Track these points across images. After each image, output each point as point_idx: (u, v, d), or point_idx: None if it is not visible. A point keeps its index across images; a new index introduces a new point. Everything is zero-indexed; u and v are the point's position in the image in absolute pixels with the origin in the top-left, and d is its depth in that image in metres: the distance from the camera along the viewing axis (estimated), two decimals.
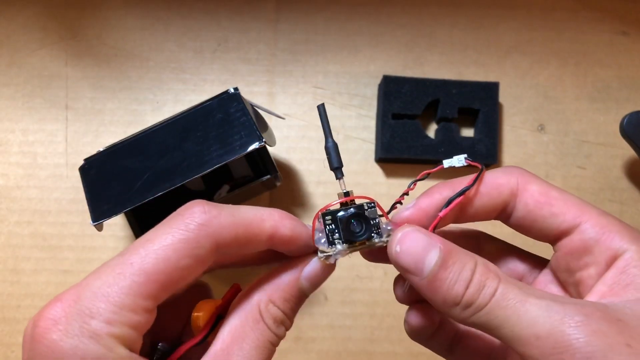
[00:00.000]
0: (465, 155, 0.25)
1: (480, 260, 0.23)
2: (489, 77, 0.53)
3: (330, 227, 0.24)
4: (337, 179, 0.26)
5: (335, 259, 0.24)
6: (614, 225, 0.23)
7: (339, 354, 0.50)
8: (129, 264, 0.21)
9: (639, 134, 0.48)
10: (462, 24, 0.54)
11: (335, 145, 0.26)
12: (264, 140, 0.38)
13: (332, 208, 0.24)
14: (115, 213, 0.38)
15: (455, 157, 0.26)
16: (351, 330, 0.50)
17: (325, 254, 0.24)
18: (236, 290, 0.26)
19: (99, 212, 0.38)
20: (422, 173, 0.27)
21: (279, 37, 0.54)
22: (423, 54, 0.54)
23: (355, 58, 0.54)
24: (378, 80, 0.53)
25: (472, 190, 0.25)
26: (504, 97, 0.53)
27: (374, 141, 0.53)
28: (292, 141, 0.52)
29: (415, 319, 0.26)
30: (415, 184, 0.27)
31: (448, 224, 0.26)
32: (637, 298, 0.21)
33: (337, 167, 0.26)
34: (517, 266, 0.27)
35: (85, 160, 0.41)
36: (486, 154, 0.50)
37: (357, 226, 0.24)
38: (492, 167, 0.52)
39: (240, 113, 0.40)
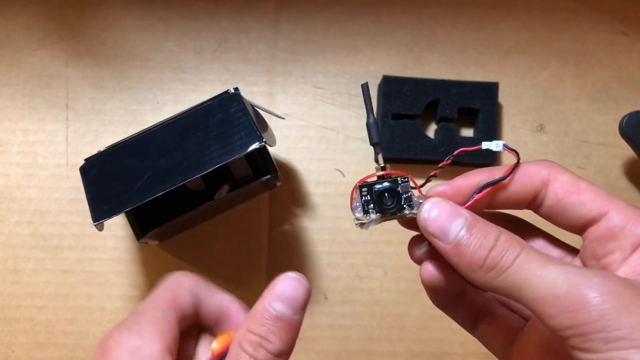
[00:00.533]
0: (504, 142, 0.28)
1: (505, 231, 0.25)
2: (489, 77, 0.53)
3: (366, 198, 0.26)
4: (375, 153, 0.28)
5: (369, 226, 0.27)
6: (637, 213, 0.25)
7: (338, 354, 0.50)
8: None
9: (639, 134, 0.48)
10: (462, 24, 0.54)
11: (376, 122, 0.28)
12: (264, 140, 0.38)
13: (369, 180, 0.27)
14: (116, 213, 0.38)
15: (495, 142, 0.28)
16: (351, 329, 0.50)
17: (359, 221, 0.26)
18: None
19: (100, 212, 0.38)
20: (459, 150, 0.29)
21: (279, 37, 0.54)
22: (423, 54, 0.54)
23: (355, 58, 0.54)
24: (378, 81, 0.53)
25: (507, 179, 0.27)
26: (503, 97, 0.53)
27: None
28: (292, 141, 0.52)
29: (429, 271, 0.27)
30: (450, 159, 0.29)
31: (481, 209, 0.28)
32: None
33: (376, 143, 0.28)
34: (550, 251, 0.29)
35: (86, 160, 0.41)
36: (486, 154, 0.50)
37: (389, 199, 0.27)
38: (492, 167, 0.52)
39: (240, 113, 0.40)
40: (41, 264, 0.50)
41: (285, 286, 0.25)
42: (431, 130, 0.53)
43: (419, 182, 0.28)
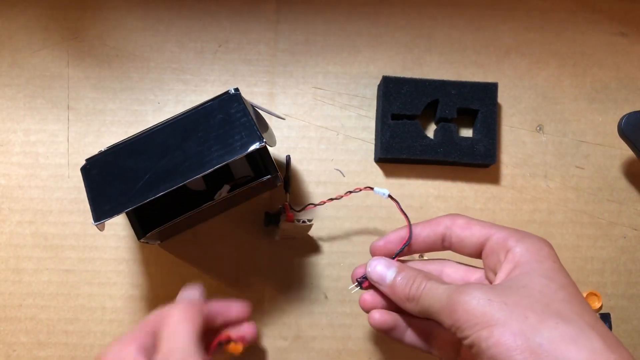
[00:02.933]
0: (389, 193, 0.42)
1: (420, 271, 0.36)
2: (488, 78, 0.54)
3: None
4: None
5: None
6: (511, 232, 0.34)
7: (338, 353, 0.50)
8: None
9: (637, 134, 0.49)
10: (461, 25, 0.55)
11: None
12: (264, 140, 0.38)
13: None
14: (117, 213, 0.38)
15: (382, 190, 0.42)
16: (351, 329, 0.51)
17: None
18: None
19: (101, 212, 0.38)
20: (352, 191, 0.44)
21: (279, 38, 0.54)
22: (422, 54, 0.54)
23: (355, 59, 0.54)
24: (377, 81, 0.53)
25: (420, 233, 0.38)
26: (502, 97, 0.53)
27: (373, 141, 0.53)
28: (292, 141, 0.53)
29: (375, 318, 0.39)
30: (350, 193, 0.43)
31: (410, 254, 0.40)
32: (516, 275, 0.32)
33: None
34: (470, 275, 0.38)
35: (87, 160, 0.41)
36: (485, 154, 0.51)
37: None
38: (492, 167, 0.52)
39: (240, 113, 0.40)
40: (42, 264, 0.50)
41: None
42: (430, 131, 0.53)
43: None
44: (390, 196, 0.39)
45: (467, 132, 0.53)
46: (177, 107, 0.53)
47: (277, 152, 0.52)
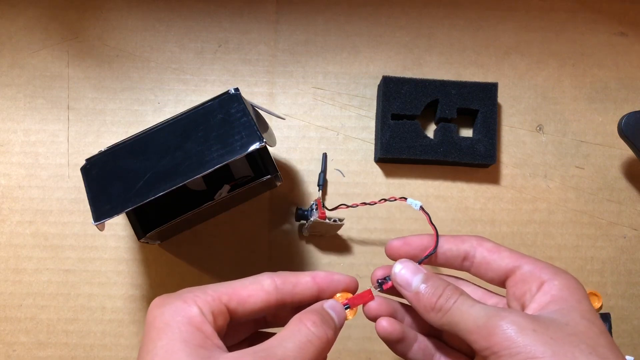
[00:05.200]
0: (422, 204, 0.39)
1: (450, 283, 0.34)
2: (488, 78, 0.54)
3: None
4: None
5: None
6: (543, 265, 0.33)
7: (338, 353, 0.50)
8: None
9: (637, 134, 0.49)
10: (461, 25, 0.55)
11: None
12: (264, 140, 0.38)
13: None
14: (117, 213, 0.38)
15: (415, 201, 0.39)
16: (351, 329, 0.51)
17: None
18: (367, 294, 0.36)
19: (101, 212, 0.38)
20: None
21: (279, 38, 0.54)
22: (422, 54, 0.54)
23: (355, 59, 0.54)
24: (377, 81, 0.53)
25: (442, 245, 0.37)
26: (502, 97, 0.53)
27: (373, 141, 0.53)
28: (292, 141, 0.53)
29: (383, 325, 0.36)
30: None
31: (430, 264, 0.38)
32: (554, 310, 0.30)
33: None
34: (487, 299, 0.37)
35: (87, 160, 0.41)
36: (485, 154, 0.51)
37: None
38: (492, 167, 0.52)
39: (240, 113, 0.40)
40: (42, 264, 0.50)
41: (337, 305, 0.34)
42: (430, 131, 0.53)
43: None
44: (422, 208, 0.37)
45: (467, 132, 0.53)
46: (177, 107, 0.53)
47: (277, 152, 0.52)
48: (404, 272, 0.35)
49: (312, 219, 0.47)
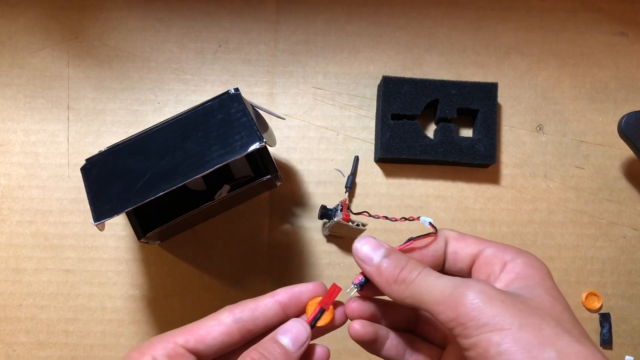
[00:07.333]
0: (430, 220, 0.36)
1: (413, 259, 0.33)
2: (488, 78, 0.54)
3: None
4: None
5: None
6: (505, 246, 0.33)
7: (338, 353, 0.50)
8: None
9: (637, 134, 0.49)
10: (461, 25, 0.55)
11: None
12: (264, 140, 0.38)
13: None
14: (117, 213, 0.38)
15: (426, 219, 0.37)
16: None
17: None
18: (334, 289, 0.35)
19: (101, 212, 0.38)
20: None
21: (279, 38, 0.54)
22: (422, 54, 0.54)
23: (355, 59, 0.54)
24: (377, 81, 0.53)
25: (428, 246, 0.35)
26: (502, 97, 0.53)
27: (373, 141, 0.53)
28: (292, 141, 0.53)
29: (355, 328, 0.35)
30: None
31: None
32: (519, 286, 0.31)
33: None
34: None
35: (87, 160, 0.41)
36: (485, 154, 0.51)
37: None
38: (492, 167, 0.52)
39: (240, 113, 0.40)
40: (42, 264, 0.50)
41: (293, 326, 0.33)
42: (430, 131, 0.53)
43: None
44: (431, 224, 0.37)
45: (467, 132, 0.53)
46: (177, 107, 0.53)
47: (277, 152, 0.52)
48: (365, 248, 0.34)
49: (335, 219, 0.47)
